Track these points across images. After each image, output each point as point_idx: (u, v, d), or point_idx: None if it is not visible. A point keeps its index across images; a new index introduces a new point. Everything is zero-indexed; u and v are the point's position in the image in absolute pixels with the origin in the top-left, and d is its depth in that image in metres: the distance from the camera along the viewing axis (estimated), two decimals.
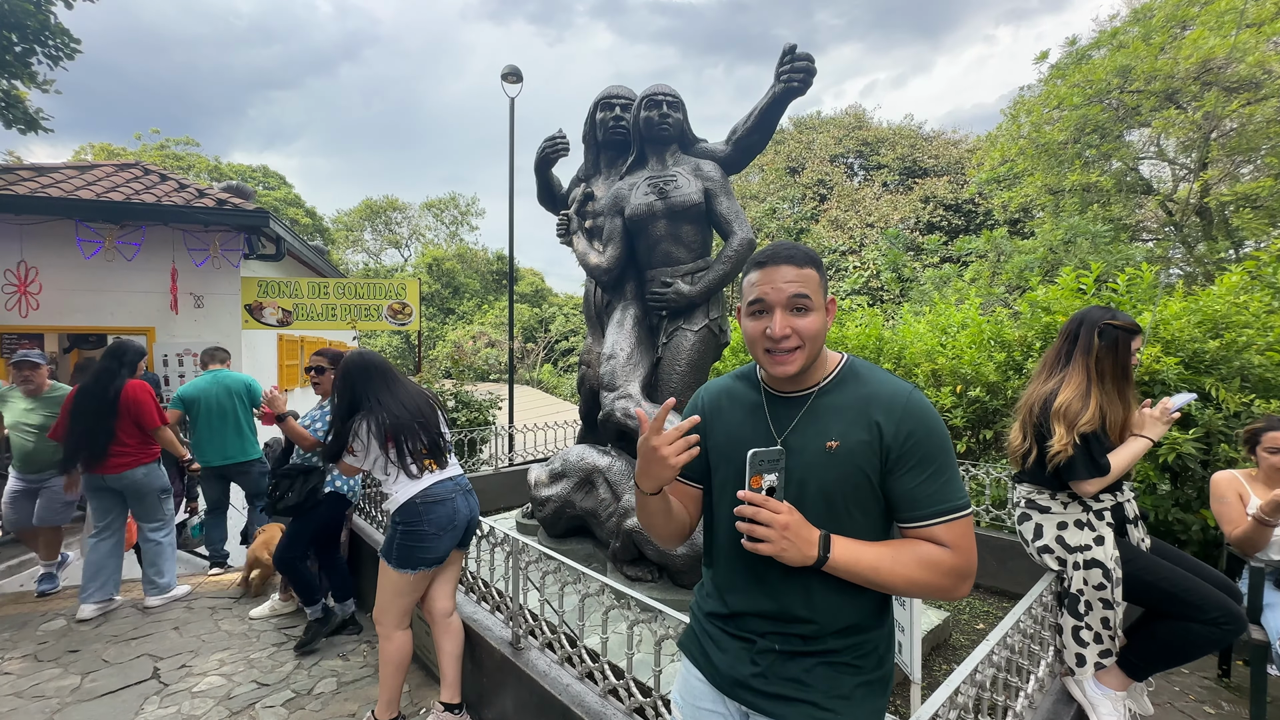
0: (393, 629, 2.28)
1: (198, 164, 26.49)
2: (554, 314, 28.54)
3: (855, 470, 1.04)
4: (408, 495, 2.28)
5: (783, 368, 1.07)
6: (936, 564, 1.01)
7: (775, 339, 1.06)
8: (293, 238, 8.46)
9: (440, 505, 2.33)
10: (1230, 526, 2.38)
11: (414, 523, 2.27)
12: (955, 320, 5.00)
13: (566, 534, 3.61)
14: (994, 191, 12.81)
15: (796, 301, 1.06)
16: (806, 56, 2.99)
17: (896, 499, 1.05)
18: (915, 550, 1.02)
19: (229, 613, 3.56)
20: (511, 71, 8.16)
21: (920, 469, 1.02)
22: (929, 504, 1.02)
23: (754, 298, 1.10)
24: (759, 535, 1.00)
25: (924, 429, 1.03)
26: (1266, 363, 3.16)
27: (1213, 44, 8.09)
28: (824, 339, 1.10)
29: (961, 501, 1.03)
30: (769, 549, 0.99)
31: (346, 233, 36.51)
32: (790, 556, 0.99)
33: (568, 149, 4.10)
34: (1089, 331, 1.88)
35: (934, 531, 1.02)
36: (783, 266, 1.07)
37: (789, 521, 0.99)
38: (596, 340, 3.92)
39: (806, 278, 1.07)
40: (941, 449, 1.03)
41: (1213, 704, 2.53)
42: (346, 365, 2.39)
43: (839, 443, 1.05)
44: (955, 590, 1.02)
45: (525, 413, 12.07)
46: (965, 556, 1.02)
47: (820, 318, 1.07)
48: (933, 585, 1.01)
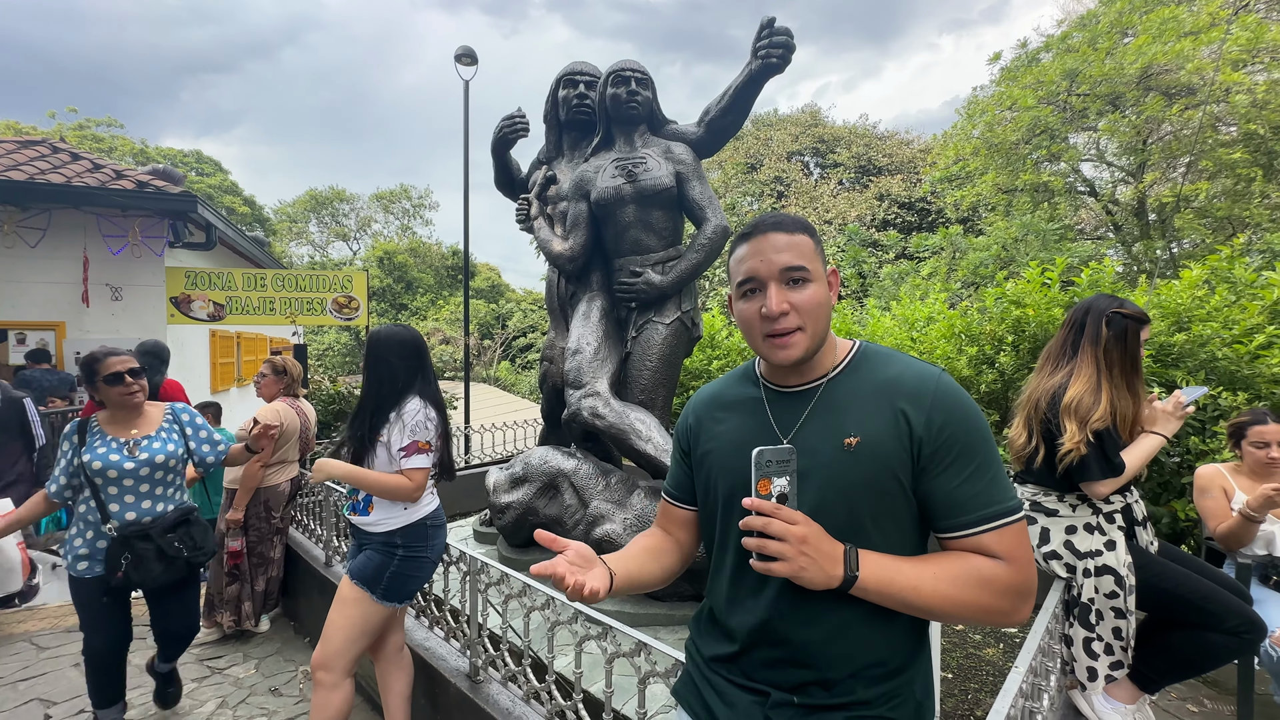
0: (343, 676, 1.89)
1: (121, 146, 24.65)
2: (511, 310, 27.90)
3: (881, 470, 0.86)
4: (420, 515, 1.96)
5: (785, 352, 0.90)
6: (989, 581, 0.82)
7: (773, 317, 0.89)
8: (226, 226, 7.83)
9: (442, 530, 2.04)
10: (1215, 521, 2.33)
11: (419, 548, 1.95)
12: (922, 315, 4.97)
13: (529, 543, 3.35)
14: (946, 190, 13.12)
15: (791, 273, 0.90)
16: (785, 31, 2.81)
17: (934, 504, 0.86)
18: (963, 564, 0.83)
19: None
20: (465, 53, 7.75)
21: (960, 466, 0.84)
22: (974, 507, 0.84)
23: (743, 276, 0.93)
24: (771, 552, 0.80)
25: (960, 417, 0.85)
26: (1232, 355, 3.19)
27: (1154, 51, 8.41)
28: (829, 315, 0.93)
29: (1014, 503, 0.85)
30: (785, 569, 0.80)
31: (289, 224, 34.74)
32: (811, 577, 0.80)
33: (528, 129, 3.82)
34: (1096, 320, 1.76)
35: (983, 541, 0.83)
36: (771, 235, 0.92)
37: (807, 534, 0.80)
38: (560, 334, 3.66)
39: (799, 245, 0.91)
40: (983, 440, 0.86)
41: (1195, 701, 2.49)
42: (391, 338, 1.97)
43: (859, 438, 0.86)
44: (1015, 613, 0.84)
45: (482, 412, 11.65)
46: (1023, 570, 0.83)
47: (821, 289, 0.91)
48: (986, 607, 0.82)
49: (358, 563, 1.94)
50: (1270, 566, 2.17)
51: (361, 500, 1.95)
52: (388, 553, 1.91)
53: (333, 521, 3.08)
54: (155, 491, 2.25)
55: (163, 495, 2.27)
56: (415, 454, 1.88)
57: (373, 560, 1.92)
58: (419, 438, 1.88)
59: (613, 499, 2.94)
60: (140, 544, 2.14)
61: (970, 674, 2.53)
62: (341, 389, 5.93)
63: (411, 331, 2.03)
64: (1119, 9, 9.32)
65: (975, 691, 2.39)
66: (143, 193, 6.32)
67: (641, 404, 3.15)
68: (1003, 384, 3.92)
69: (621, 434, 2.91)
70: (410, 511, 1.94)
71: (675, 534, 1.12)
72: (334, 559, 3.07)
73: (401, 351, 1.97)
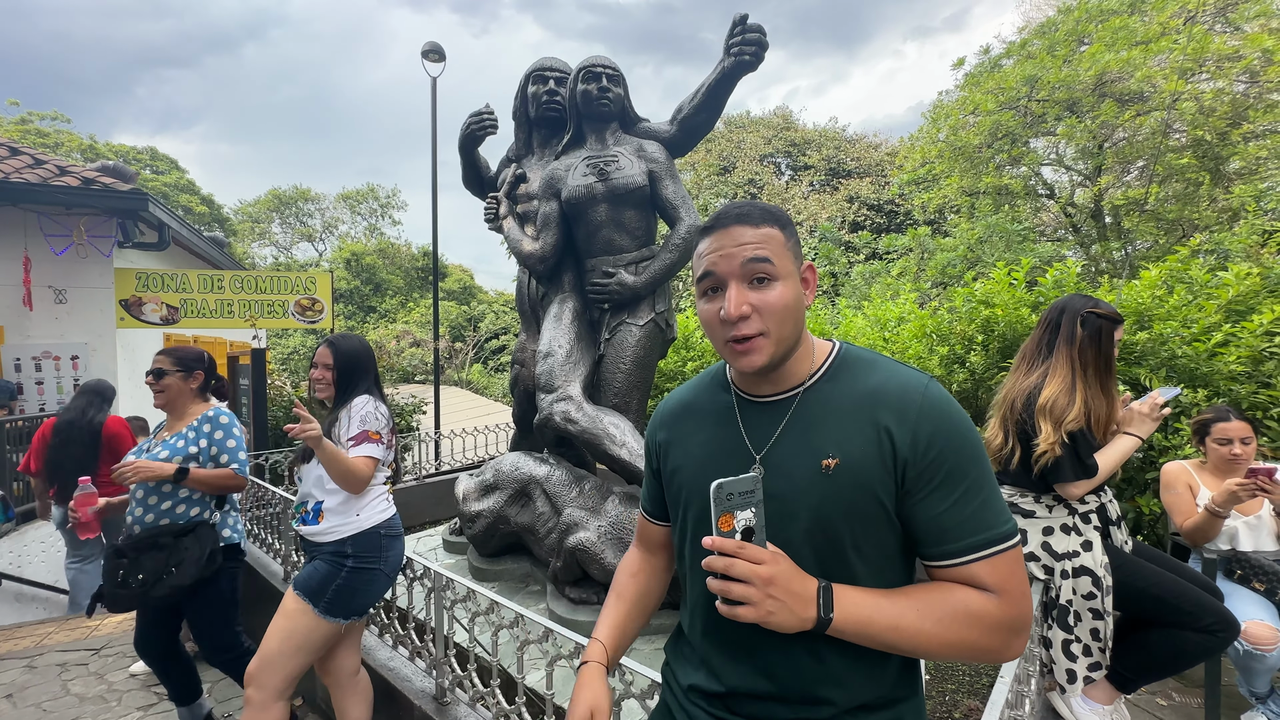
0: (275, 696, 1.73)
1: (68, 142, 23.53)
2: (484, 311, 27.50)
3: (862, 494, 0.78)
4: (373, 522, 1.84)
5: (746, 359, 0.81)
6: (979, 617, 0.74)
7: (731, 321, 0.80)
8: (181, 225, 7.50)
9: (398, 542, 1.91)
10: (1181, 517, 2.37)
11: (370, 559, 1.82)
12: (893, 315, 5.01)
13: (500, 552, 3.25)
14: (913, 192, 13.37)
15: (754, 268, 0.80)
16: (758, 29, 2.78)
17: (919, 530, 0.79)
18: (949, 598, 0.76)
19: (84, 670, 2.95)
20: (433, 49, 7.57)
21: (949, 488, 0.76)
22: (963, 534, 0.76)
23: (702, 271, 0.85)
24: (735, 596, 0.72)
25: (949, 433, 0.78)
26: (1191, 353, 3.27)
27: (1108, 59, 8.70)
28: (800, 319, 0.83)
29: (1007, 528, 0.77)
30: (752, 614, 0.72)
31: (251, 224, 33.66)
32: (780, 621, 0.72)
33: (496, 126, 3.72)
34: (1071, 320, 1.76)
35: (973, 571, 0.76)
36: (734, 228, 0.83)
37: (773, 574, 0.72)
38: (531, 337, 3.57)
39: (766, 238, 0.82)
40: (974, 459, 0.78)
41: (1163, 694, 2.53)
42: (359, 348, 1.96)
43: (838, 460, 0.78)
44: (1006, 650, 0.77)
45: (453, 415, 11.42)
46: (1017, 604, 0.76)
47: (790, 289, 0.82)
48: (975, 646, 0.75)
49: (303, 572, 1.84)
50: (1234, 561, 2.20)
51: (311, 510, 1.84)
52: (335, 563, 1.80)
53: (290, 535, 2.93)
54: (149, 501, 2.09)
55: (157, 506, 2.10)
56: (365, 442, 1.79)
57: (319, 570, 1.80)
58: (369, 427, 1.81)
59: (586, 506, 2.86)
60: (116, 559, 1.99)
61: (947, 675, 2.53)
62: (304, 395, 5.71)
63: (358, 339, 2.00)
64: (1076, 18, 9.63)
65: (953, 693, 2.39)
66: (88, 190, 6.00)
67: (615, 407, 3.08)
68: (974, 383, 3.96)
69: (595, 439, 2.83)
70: (362, 518, 1.83)
71: (656, 554, 1.07)
72: (293, 574, 2.92)
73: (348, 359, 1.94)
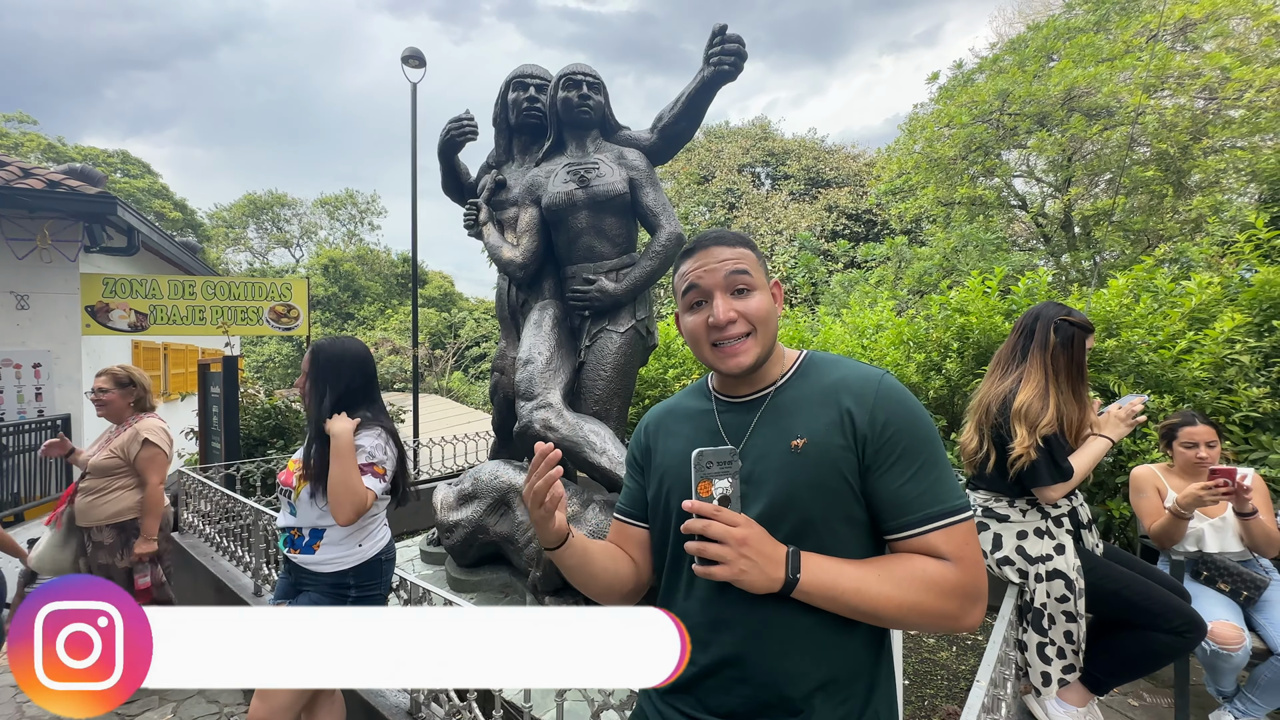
0: None
1: (29, 143, 22.87)
2: (464, 319, 27.28)
3: (829, 470, 0.84)
4: (377, 550, 1.78)
5: (736, 359, 0.90)
6: (936, 582, 0.80)
7: (720, 325, 0.91)
8: (151, 230, 7.32)
9: (392, 564, 1.87)
10: (1149, 520, 2.42)
11: (373, 587, 1.77)
12: (871, 322, 5.08)
13: (479, 562, 3.20)
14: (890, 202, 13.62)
15: (736, 280, 0.93)
16: (737, 39, 2.81)
17: (880, 503, 0.85)
18: (908, 564, 0.82)
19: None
20: (413, 55, 7.53)
21: (904, 464, 0.84)
22: (919, 506, 0.83)
23: (687, 285, 0.96)
24: (711, 555, 0.78)
25: (903, 416, 0.86)
26: (1157, 360, 3.36)
27: (1075, 75, 8.97)
28: (775, 325, 0.94)
29: (960, 501, 0.84)
30: (725, 572, 0.78)
31: (226, 230, 33.01)
32: (752, 579, 0.79)
33: (476, 132, 3.70)
34: (1045, 327, 1.80)
35: (929, 540, 0.82)
36: (713, 248, 0.95)
37: (747, 535, 0.79)
38: (511, 344, 3.54)
39: (742, 255, 0.95)
40: (927, 440, 0.85)
41: (1134, 695, 2.58)
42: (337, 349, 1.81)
43: (805, 439, 0.85)
44: (964, 616, 0.82)
45: (433, 424, 11.28)
46: (971, 571, 0.82)
47: (766, 298, 0.94)
48: (934, 611, 0.80)
49: (300, 605, 1.74)
50: (1200, 562, 2.26)
51: (306, 536, 1.75)
52: (338, 596, 1.73)
53: (261, 548, 2.85)
54: None
55: None
56: (368, 475, 1.72)
57: (320, 605, 1.71)
58: (375, 460, 1.74)
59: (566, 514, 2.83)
60: None
61: (926, 679, 2.55)
62: (278, 403, 5.59)
63: (361, 344, 1.89)
64: (1045, 34, 9.93)
65: (931, 697, 2.40)
66: (53, 193, 5.83)
67: (596, 415, 3.06)
68: (950, 389, 4.03)
69: (575, 447, 2.81)
70: (366, 548, 1.77)
71: (631, 554, 1.06)
72: (263, 588, 2.84)
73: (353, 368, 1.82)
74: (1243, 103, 8.27)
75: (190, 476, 3.86)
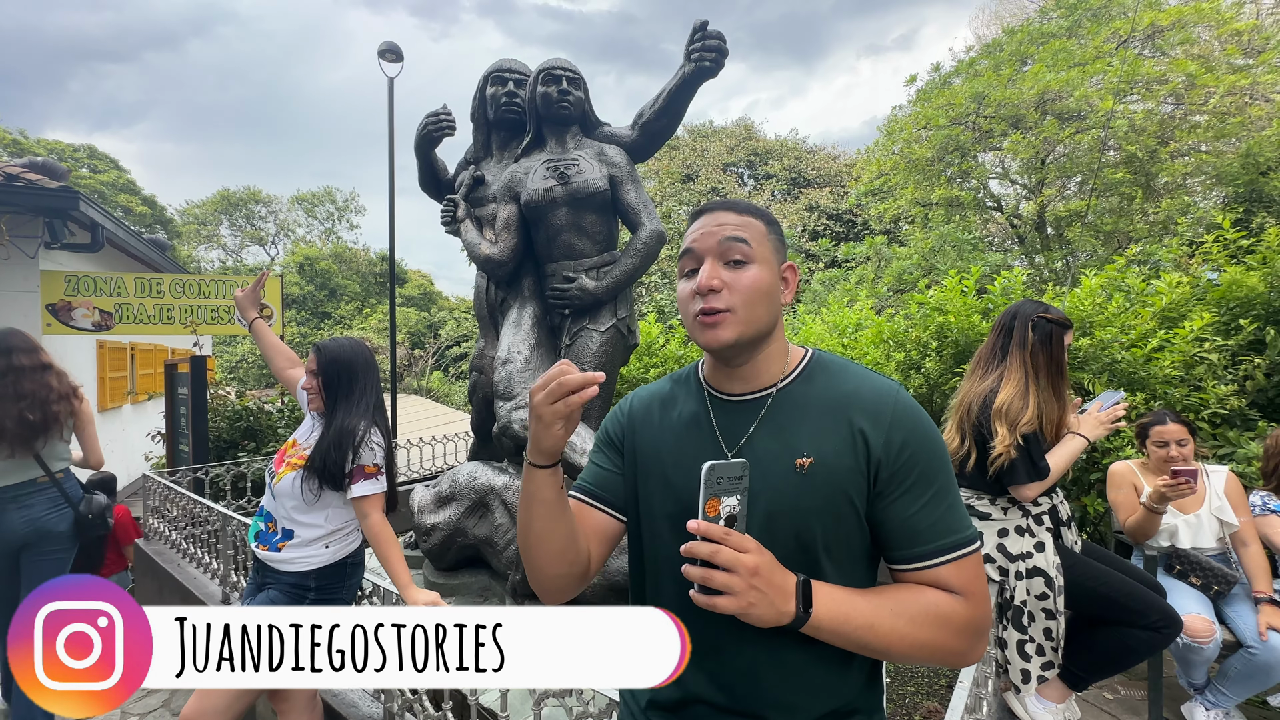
0: None
1: None
2: (444, 318, 26.96)
3: (836, 494, 0.78)
4: (345, 554, 1.72)
5: (712, 332, 0.81)
6: (948, 618, 0.75)
7: (701, 292, 0.81)
8: (117, 226, 7.08)
9: (360, 568, 1.81)
10: (1124, 515, 2.46)
11: (333, 589, 1.71)
12: (851, 321, 5.11)
13: (457, 565, 3.14)
14: (870, 203, 13.77)
15: (731, 247, 0.82)
16: (718, 35, 2.79)
17: (889, 531, 0.79)
18: (920, 599, 0.76)
19: None
20: (390, 49, 7.39)
21: (919, 490, 0.78)
22: (932, 536, 0.77)
23: (684, 249, 0.88)
24: (718, 584, 0.69)
25: (920, 437, 0.79)
26: (1129, 358, 3.42)
27: (1048, 79, 9.15)
28: (773, 308, 0.84)
29: (971, 532, 0.79)
30: (732, 604, 0.69)
31: (198, 226, 32.21)
32: (760, 614, 0.70)
33: (453, 127, 3.63)
34: (1023, 325, 1.81)
35: (940, 574, 0.77)
36: (718, 212, 0.86)
37: (759, 564, 0.70)
38: (490, 343, 3.48)
39: (747, 224, 0.85)
40: (943, 464, 0.80)
41: (1109, 688, 2.62)
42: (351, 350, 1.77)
43: (812, 459, 0.78)
44: (970, 653, 0.77)
45: (412, 424, 11.11)
46: (982, 607, 0.77)
47: (764, 274, 0.83)
48: (945, 648, 0.75)
49: (257, 603, 1.69)
50: (1173, 557, 2.30)
51: (278, 531, 1.70)
52: (296, 595, 1.67)
53: (230, 554, 2.76)
54: None
55: None
56: (361, 480, 1.67)
57: (276, 604, 1.66)
58: (364, 461, 1.68)
59: None
60: None
61: (906, 676, 2.55)
62: (250, 404, 5.44)
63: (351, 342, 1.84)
64: (1019, 39, 10.11)
65: (912, 695, 2.41)
66: (11, 186, 5.59)
67: None
68: (929, 388, 4.06)
69: None
70: (333, 550, 1.72)
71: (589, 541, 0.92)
72: (232, 595, 2.75)
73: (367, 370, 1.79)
74: (1207, 108, 8.52)
75: (156, 481, 3.73)
